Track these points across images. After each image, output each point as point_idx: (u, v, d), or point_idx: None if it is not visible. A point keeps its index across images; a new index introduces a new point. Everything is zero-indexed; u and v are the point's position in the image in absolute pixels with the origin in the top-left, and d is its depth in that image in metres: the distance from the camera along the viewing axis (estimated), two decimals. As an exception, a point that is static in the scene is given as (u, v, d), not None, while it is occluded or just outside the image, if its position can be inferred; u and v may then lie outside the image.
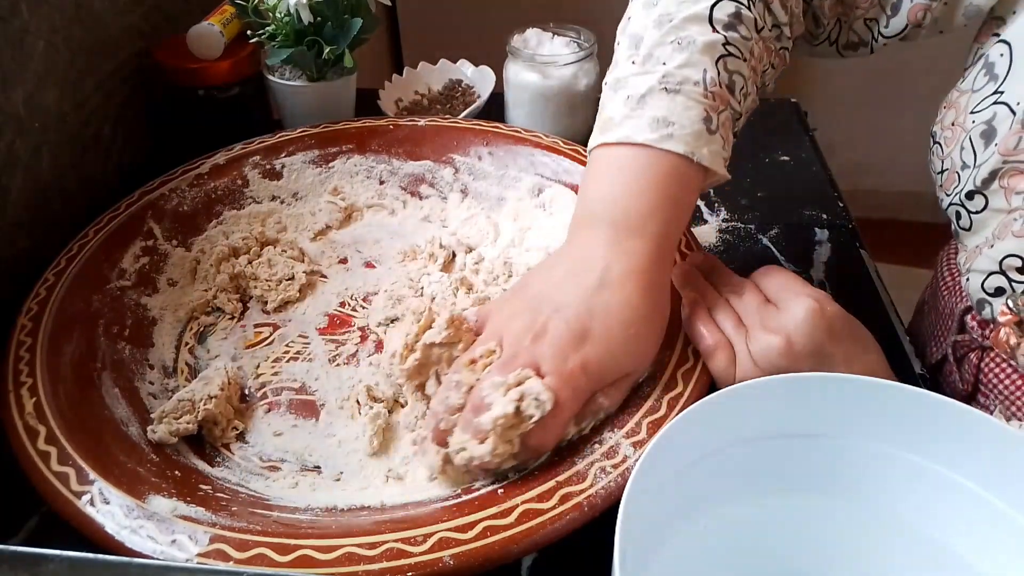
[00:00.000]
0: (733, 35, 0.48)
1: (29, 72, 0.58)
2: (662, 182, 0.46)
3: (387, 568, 0.36)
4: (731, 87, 0.48)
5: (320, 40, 0.70)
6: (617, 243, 0.45)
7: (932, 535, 0.37)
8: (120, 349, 0.52)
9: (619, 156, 0.47)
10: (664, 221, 0.46)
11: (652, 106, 0.46)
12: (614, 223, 0.46)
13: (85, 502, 0.39)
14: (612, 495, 0.40)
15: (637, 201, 0.45)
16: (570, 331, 0.43)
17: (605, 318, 0.43)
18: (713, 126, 0.46)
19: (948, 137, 0.51)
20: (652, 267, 0.45)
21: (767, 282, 0.48)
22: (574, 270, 0.45)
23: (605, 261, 0.44)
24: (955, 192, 0.50)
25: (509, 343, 0.44)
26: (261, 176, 0.66)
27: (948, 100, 0.53)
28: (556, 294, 0.44)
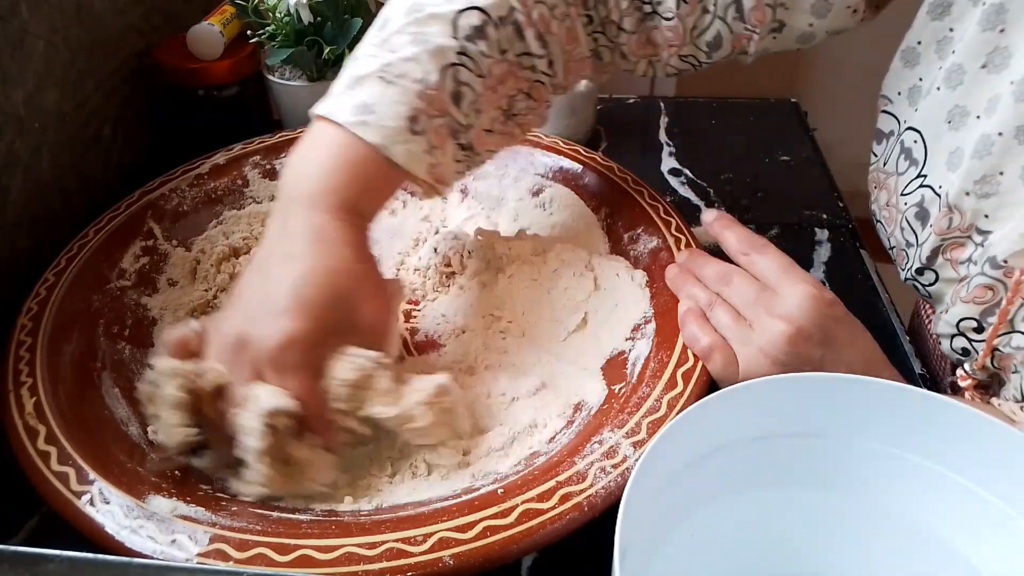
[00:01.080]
0: (471, 47, 0.47)
1: (29, 72, 0.58)
2: (351, 165, 0.46)
3: (387, 568, 0.36)
4: (456, 97, 0.47)
5: (320, 40, 0.70)
6: (307, 214, 0.45)
7: (933, 534, 0.36)
8: (120, 349, 0.52)
9: (322, 131, 0.47)
10: (351, 197, 0.45)
11: (364, 90, 0.46)
12: (298, 201, 0.45)
13: (85, 502, 0.39)
14: (612, 495, 0.40)
15: (323, 180, 0.45)
16: (267, 323, 0.42)
17: (297, 291, 0.42)
18: (419, 127, 0.46)
19: (887, 217, 0.53)
20: (342, 227, 0.44)
21: (758, 267, 0.49)
22: (260, 265, 0.45)
23: (289, 239, 0.44)
24: (907, 268, 0.51)
25: (228, 373, 0.43)
26: (261, 176, 0.66)
27: (875, 180, 0.54)
28: (248, 299, 0.44)
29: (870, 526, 0.38)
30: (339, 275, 0.44)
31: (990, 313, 0.45)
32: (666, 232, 0.58)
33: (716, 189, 0.74)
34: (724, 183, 0.75)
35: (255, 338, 0.42)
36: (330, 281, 0.43)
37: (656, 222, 0.58)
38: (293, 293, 0.42)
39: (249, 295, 0.44)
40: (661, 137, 0.82)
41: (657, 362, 0.48)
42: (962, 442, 0.35)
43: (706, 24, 0.51)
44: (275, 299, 0.42)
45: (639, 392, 0.46)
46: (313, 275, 0.43)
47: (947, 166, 0.47)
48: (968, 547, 0.36)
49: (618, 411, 0.45)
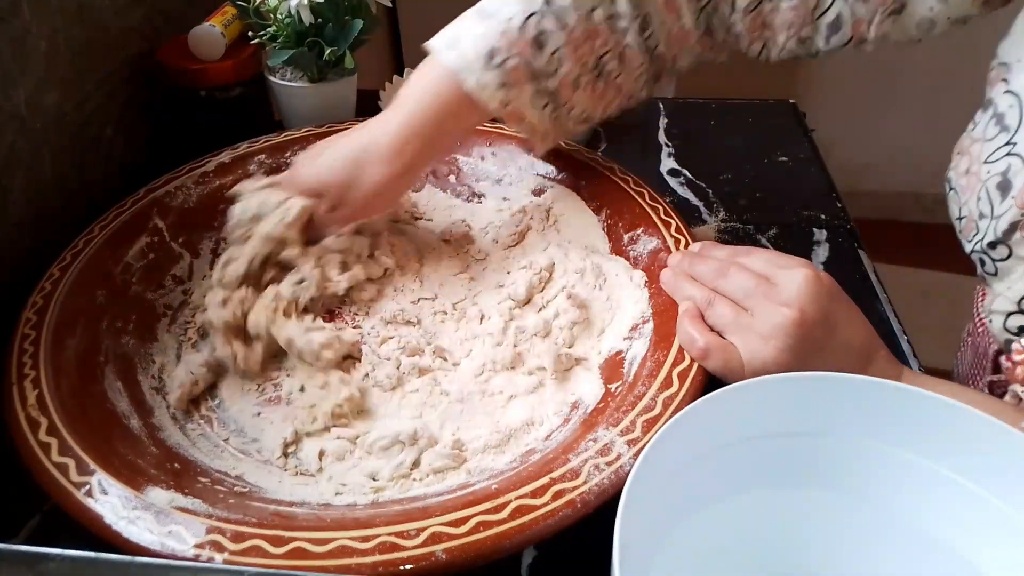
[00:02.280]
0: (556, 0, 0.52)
1: (30, 72, 0.58)
2: (431, 84, 0.55)
3: (380, 561, 0.36)
4: (537, 43, 0.52)
5: (321, 41, 0.71)
6: (374, 121, 0.57)
7: (932, 533, 0.37)
8: (124, 343, 0.53)
9: (428, 57, 0.56)
10: (418, 110, 0.55)
11: (462, 23, 0.55)
12: (392, 106, 0.56)
13: (84, 493, 0.40)
14: (605, 492, 0.40)
15: (409, 91, 0.56)
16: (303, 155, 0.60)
17: (333, 149, 0.57)
18: (496, 61, 0.52)
19: (963, 185, 0.51)
20: (376, 142, 0.55)
21: (750, 260, 0.49)
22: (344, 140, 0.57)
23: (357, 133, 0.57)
24: (975, 240, 0.50)
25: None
26: (266, 175, 0.66)
27: (960, 146, 0.52)
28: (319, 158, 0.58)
29: (870, 525, 0.38)
30: (358, 154, 0.55)
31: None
32: (666, 233, 0.58)
33: (715, 190, 0.74)
34: (723, 184, 0.75)
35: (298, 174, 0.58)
36: (349, 158, 0.56)
37: (656, 223, 0.59)
38: (331, 150, 0.57)
39: (317, 162, 0.57)
40: (660, 138, 0.82)
41: (654, 361, 0.48)
42: (961, 441, 0.35)
43: (827, 4, 0.52)
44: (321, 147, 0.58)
45: (635, 391, 0.46)
46: (342, 149, 0.56)
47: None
48: (968, 547, 0.36)
49: (614, 409, 0.46)
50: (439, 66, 0.54)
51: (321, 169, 0.56)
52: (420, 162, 0.57)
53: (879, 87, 1.87)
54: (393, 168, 0.55)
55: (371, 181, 0.55)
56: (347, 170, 0.55)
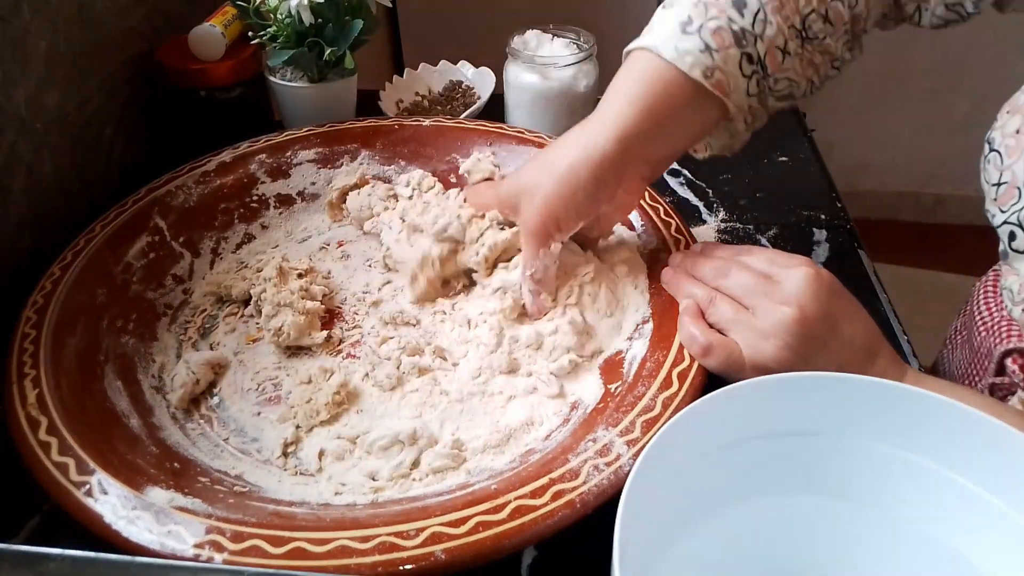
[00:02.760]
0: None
1: (31, 73, 0.58)
2: (638, 80, 0.51)
3: (379, 561, 0.37)
4: (739, 3, 0.49)
5: (321, 41, 0.71)
6: (585, 123, 0.52)
7: (932, 534, 0.37)
8: (124, 343, 0.53)
9: (626, 61, 0.53)
10: (628, 102, 0.51)
11: (654, 18, 0.52)
12: (594, 113, 0.53)
13: (84, 492, 0.40)
14: (605, 493, 0.40)
15: (613, 95, 0.52)
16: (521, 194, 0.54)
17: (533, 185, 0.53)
18: (691, 28, 0.49)
19: (1011, 146, 0.47)
20: (593, 142, 0.51)
21: (751, 259, 0.49)
22: (547, 152, 0.54)
23: (562, 144, 0.53)
24: (1013, 209, 0.46)
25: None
26: (267, 174, 0.66)
27: (1013, 104, 0.49)
28: (531, 165, 0.55)
29: (869, 525, 0.38)
30: (536, 166, 0.54)
31: None
32: (666, 233, 0.58)
33: (715, 190, 0.74)
34: (723, 184, 0.75)
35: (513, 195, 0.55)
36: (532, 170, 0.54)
37: (656, 223, 0.59)
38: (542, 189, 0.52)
39: (527, 168, 0.55)
40: (660, 138, 0.82)
41: (653, 362, 0.48)
42: (960, 441, 0.35)
43: None
44: (529, 183, 0.54)
45: (635, 391, 0.47)
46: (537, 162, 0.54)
47: None
48: (966, 545, 0.36)
49: (613, 410, 0.46)
50: (639, 52, 0.51)
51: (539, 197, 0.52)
52: (619, 173, 0.52)
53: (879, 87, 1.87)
54: (610, 177, 0.51)
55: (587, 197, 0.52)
56: (567, 187, 0.51)
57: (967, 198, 1.99)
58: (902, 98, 1.89)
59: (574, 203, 0.51)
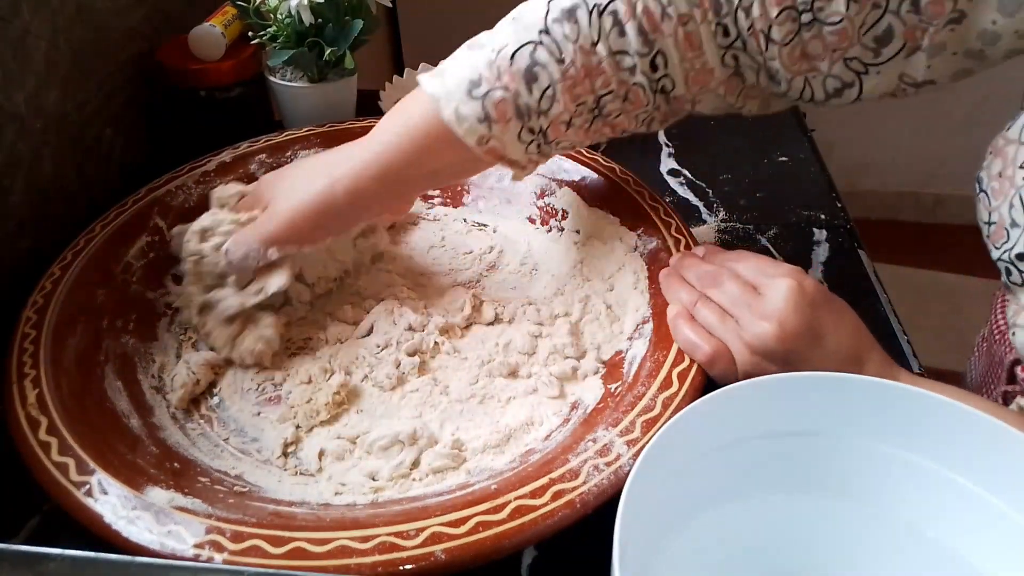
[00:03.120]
0: (556, 28, 0.47)
1: (30, 73, 0.58)
2: (411, 115, 0.50)
3: (379, 561, 0.37)
4: (529, 76, 0.47)
5: (321, 41, 0.71)
6: (351, 152, 0.52)
7: (931, 534, 0.37)
8: (124, 343, 0.53)
9: (414, 95, 0.51)
10: (397, 148, 0.51)
11: (455, 55, 0.50)
12: (372, 134, 0.52)
13: (84, 492, 0.40)
14: (604, 493, 0.40)
15: (387, 121, 0.52)
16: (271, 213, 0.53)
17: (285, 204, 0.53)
18: (478, 92, 0.47)
19: (995, 189, 0.48)
20: (357, 173, 0.51)
21: (741, 267, 0.49)
22: (309, 164, 0.56)
23: (328, 159, 0.54)
24: (1004, 248, 0.47)
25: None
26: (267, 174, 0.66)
27: (994, 147, 0.49)
28: (281, 182, 0.55)
29: (867, 524, 0.38)
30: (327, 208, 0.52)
31: None
32: (666, 233, 0.58)
33: (715, 190, 0.74)
34: (723, 184, 0.75)
35: (265, 214, 0.53)
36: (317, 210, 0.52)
37: (656, 223, 0.59)
38: (290, 210, 0.52)
39: (279, 185, 0.55)
40: (660, 138, 0.82)
41: (653, 362, 0.48)
42: (959, 440, 0.35)
43: (876, 19, 0.45)
44: (285, 201, 0.53)
45: (635, 391, 0.46)
46: (310, 205, 0.52)
47: None
48: (965, 545, 0.36)
49: (613, 410, 0.46)
50: (421, 95, 0.50)
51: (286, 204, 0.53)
52: (379, 203, 0.54)
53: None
54: (347, 203, 0.52)
55: (328, 216, 0.52)
56: (309, 205, 0.52)
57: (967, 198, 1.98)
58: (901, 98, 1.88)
59: (323, 221, 0.52)
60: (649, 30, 0.47)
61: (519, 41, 0.47)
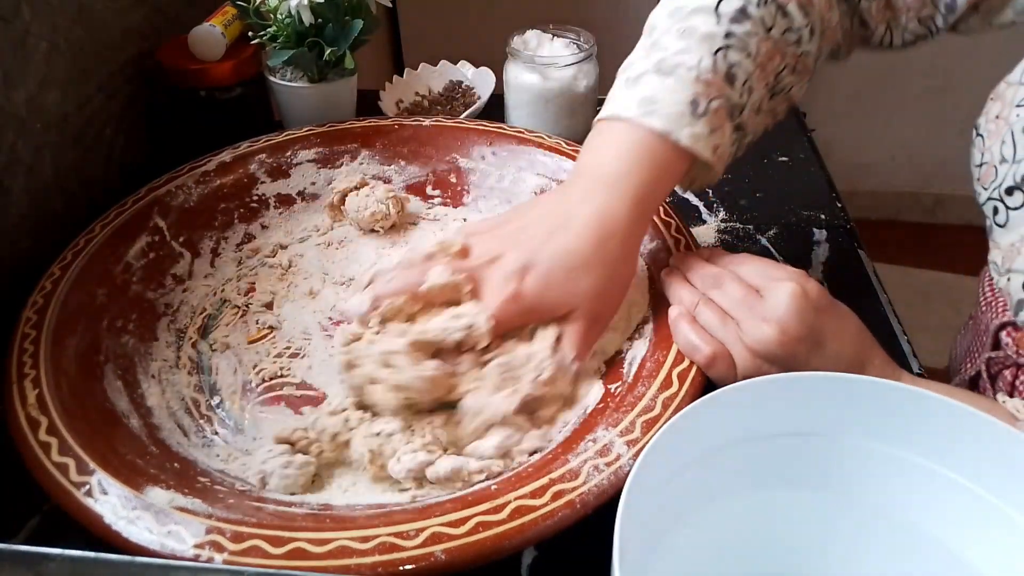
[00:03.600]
0: (736, 28, 0.49)
1: (31, 73, 0.58)
2: (641, 152, 0.49)
3: (379, 561, 0.37)
4: (730, 78, 0.49)
5: (321, 41, 0.71)
6: (589, 195, 0.49)
7: (931, 534, 0.37)
8: (124, 343, 0.53)
9: (609, 128, 0.51)
10: (639, 183, 0.49)
11: (644, 86, 0.49)
12: (592, 178, 0.50)
13: (84, 492, 0.40)
14: (605, 493, 0.40)
15: (615, 163, 0.49)
16: (518, 264, 0.48)
17: (550, 258, 0.48)
18: (700, 110, 0.48)
19: (991, 130, 0.50)
20: (615, 221, 0.48)
21: (744, 270, 0.49)
22: (544, 214, 0.50)
23: (571, 209, 0.49)
24: (992, 187, 0.49)
25: (471, 258, 0.50)
26: (266, 174, 0.66)
27: (996, 92, 0.52)
28: (522, 234, 0.50)
29: (868, 525, 0.38)
30: (586, 270, 0.48)
31: None
32: (666, 233, 0.58)
33: (715, 190, 0.74)
34: (722, 184, 0.75)
35: (504, 262, 0.49)
36: (577, 273, 0.48)
37: (656, 223, 0.59)
38: (550, 262, 0.48)
39: (526, 237, 0.49)
40: (660, 138, 0.82)
41: (653, 362, 0.48)
42: (959, 440, 0.35)
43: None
44: (537, 251, 0.48)
45: (635, 391, 0.46)
46: (570, 258, 0.48)
47: None
48: (965, 545, 0.36)
49: (613, 410, 0.46)
50: (642, 131, 0.48)
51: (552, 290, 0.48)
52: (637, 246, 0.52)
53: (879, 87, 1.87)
54: (634, 260, 0.51)
55: (620, 282, 0.50)
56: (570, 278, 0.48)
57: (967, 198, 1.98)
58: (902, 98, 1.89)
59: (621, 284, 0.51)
60: (806, 3, 0.52)
61: (710, 50, 0.49)
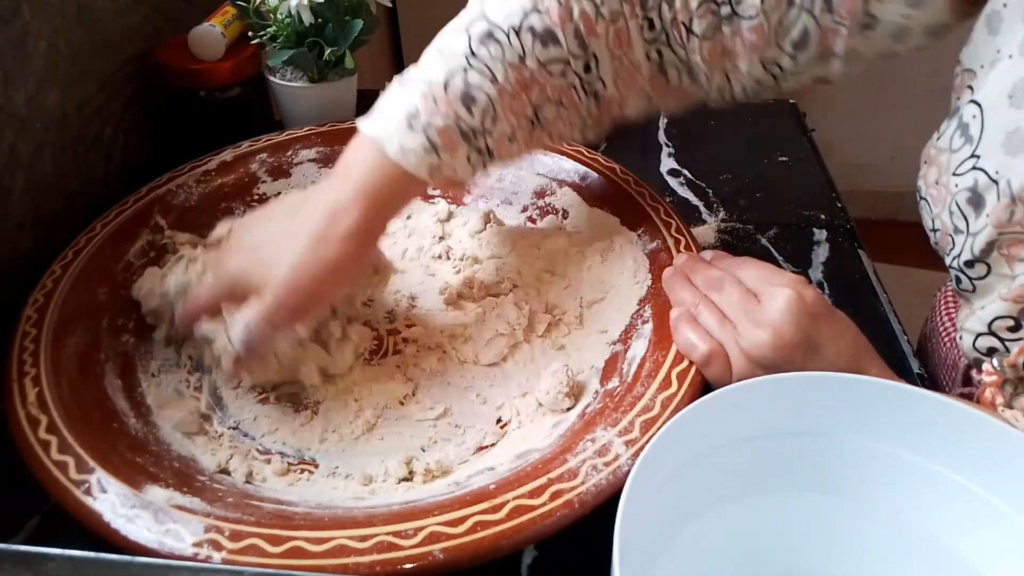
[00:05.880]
0: (482, 51, 0.48)
1: (31, 73, 0.58)
2: (366, 156, 0.49)
3: (377, 560, 0.37)
4: (467, 100, 0.48)
5: (321, 41, 0.71)
6: (326, 187, 0.50)
7: (931, 534, 0.37)
8: (124, 342, 0.53)
9: (356, 136, 0.50)
10: (362, 184, 0.48)
11: (387, 95, 0.50)
12: (335, 173, 0.50)
13: (83, 491, 0.40)
14: (603, 493, 0.40)
15: (350, 167, 0.49)
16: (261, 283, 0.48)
17: (264, 236, 0.50)
18: (417, 124, 0.47)
19: (934, 196, 0.48)
20: (341, 207, 0.48)
21: (744, 274, 0.49)
22: (278, 220, 0.51)
23: (308, 195, 0.51)
24: (952, 257, 0.48)
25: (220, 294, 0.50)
26: (268, 173, 0.66)
27: (927, 155, 0.49)
28: (256, 242, 0.50)
29: (867, 524, 0.38)
30: (326, 269, 0.48)
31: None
32: (666, 233, 0.58)
33: (715, 190, 0.74)
34: (723, 184, 0.75)
35: (253, 287, 0.48)
36: (317, 274, 0.48)
37: (657, 223, 0.59)
38: (289, 274, 0.47)
39: (257, 245, 0.50)
40: (660, 138, 0.82)
41: (653, 362, 0.48)
42: (959, 440, 0.35)
43: (792, 19, 0.47)
44: (275, 267, 0.48)
45: (634, 391, 0.46)
46: (305, 266, 0.47)
47: (1005, 150, 0.43)
48: (965, 545, 0.36)
49: (612, 410, 0.46)
50: (361, 141, 0.49)
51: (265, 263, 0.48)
52: (371, 243, 0.51)
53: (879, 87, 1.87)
54: (354, 248, 0.48)
55: (332, 263, 0.48)
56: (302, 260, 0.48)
57: (968, 198, 1.98)
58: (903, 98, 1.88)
59: (341, 280, 0.50)
60: (585, 33, 0.48)
61: (449, 68, 0.48)
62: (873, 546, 0.38)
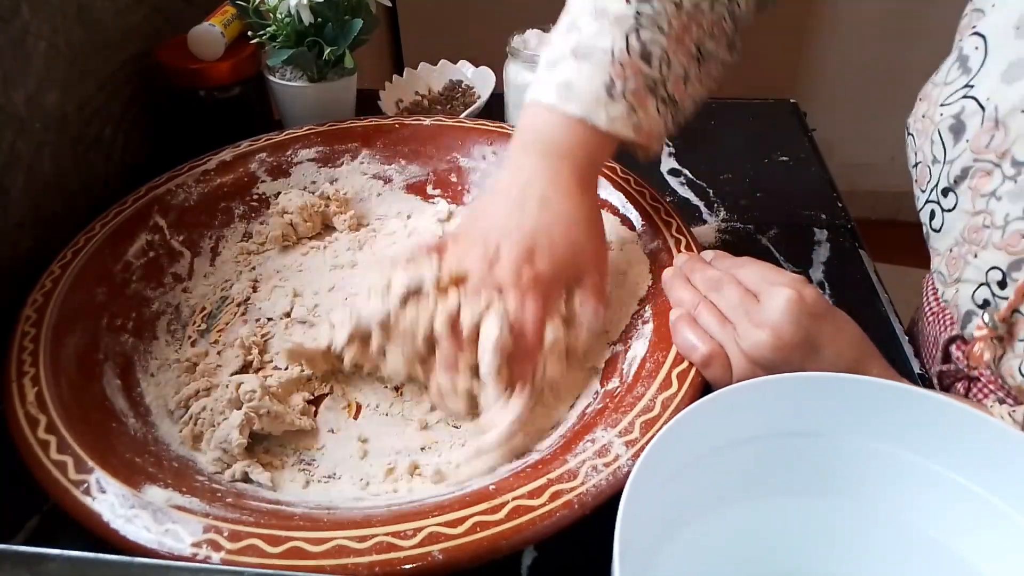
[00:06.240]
0: (645, 8, 0.51)
1: (30, 73, 0.58)
2: (568, 135, 0.52)
3: (376, 561, 0.37)
4: (645, 56, 0.51)
5: (321, 41, 0.71)
6: (549, 168, 0.52)
7: (931, 534, 0.37)
8: (123, 341, 0.53)
9: (536, 113, 0.53)
10: (575, 160, 0.52)
11: (562, 70, 0.52)
12: (543, 153, 0.53)
13: (82, 490, 0.40)
14: (603, 493, 0.40)
15: (551, 146, 0.52)
16: (520, 250, 0.49)
17: (548, 233, 0.50)
18: (616, 92, 0.51)
19: (919, 129, 0.51)
20: (579, 186, 0.52)
21: (743, 274, 0.49)
22: (517, 199, 0.52)
23: (540, 186, 0.52)
24: (929, 188, 0.50)
25: (471, 275, 0.50)
26: (267, 173, 0.66)
27: (923, 92, 0.53)
28: (503, 222, 0.51)
29: (867, 524, 0.38)
30: (579, 228, 0.52)
31: (1017, 268, 0.45)
32: (667, 233, 0.58)
33: (715, 189, 0.74)
34: (723, 183, 0.75)
35: (506, 257, 0.49)
36: (573, 234, 0.51)
37: (657, 223, 0.59)
38: (548, 235, 0.50)
39: (503, 221, 0.51)
40: (660, 138, 0.82)
41: (653, 362, 0.48)
42: (959, 440, 0.35)
43: None
44: (529, 232, 0.50)
45: (634, 392, 0.46)
46: (562, 224, 0.51)
47: (1003, 78, 0.45)
48: (965, 545, 0.36)
49: (612, 410, 0.46)
50: (564, 116, 0.52)
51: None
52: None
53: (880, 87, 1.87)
54: (599, 213, 0.54)
55: (602, 232, 0.54)
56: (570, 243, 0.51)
57: (969, 199, 1.98)
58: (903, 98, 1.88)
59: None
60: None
61: (623, 31, 0.51)
62: (873, 546, 0.38)
